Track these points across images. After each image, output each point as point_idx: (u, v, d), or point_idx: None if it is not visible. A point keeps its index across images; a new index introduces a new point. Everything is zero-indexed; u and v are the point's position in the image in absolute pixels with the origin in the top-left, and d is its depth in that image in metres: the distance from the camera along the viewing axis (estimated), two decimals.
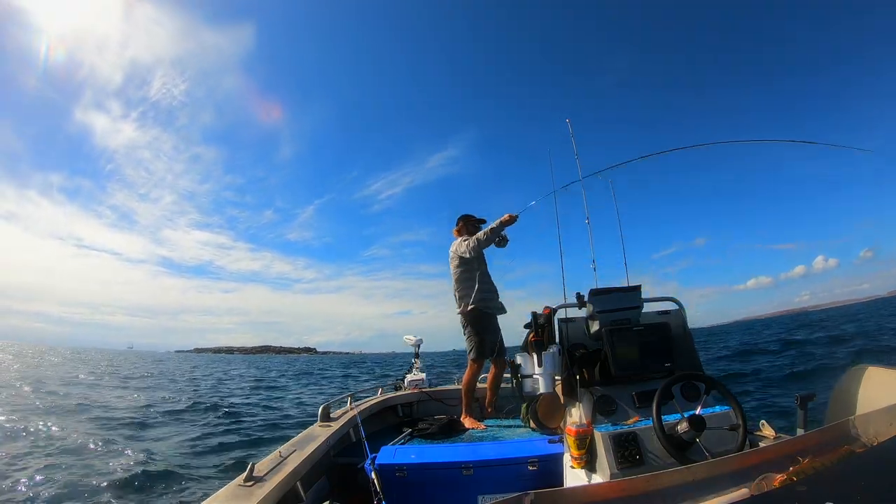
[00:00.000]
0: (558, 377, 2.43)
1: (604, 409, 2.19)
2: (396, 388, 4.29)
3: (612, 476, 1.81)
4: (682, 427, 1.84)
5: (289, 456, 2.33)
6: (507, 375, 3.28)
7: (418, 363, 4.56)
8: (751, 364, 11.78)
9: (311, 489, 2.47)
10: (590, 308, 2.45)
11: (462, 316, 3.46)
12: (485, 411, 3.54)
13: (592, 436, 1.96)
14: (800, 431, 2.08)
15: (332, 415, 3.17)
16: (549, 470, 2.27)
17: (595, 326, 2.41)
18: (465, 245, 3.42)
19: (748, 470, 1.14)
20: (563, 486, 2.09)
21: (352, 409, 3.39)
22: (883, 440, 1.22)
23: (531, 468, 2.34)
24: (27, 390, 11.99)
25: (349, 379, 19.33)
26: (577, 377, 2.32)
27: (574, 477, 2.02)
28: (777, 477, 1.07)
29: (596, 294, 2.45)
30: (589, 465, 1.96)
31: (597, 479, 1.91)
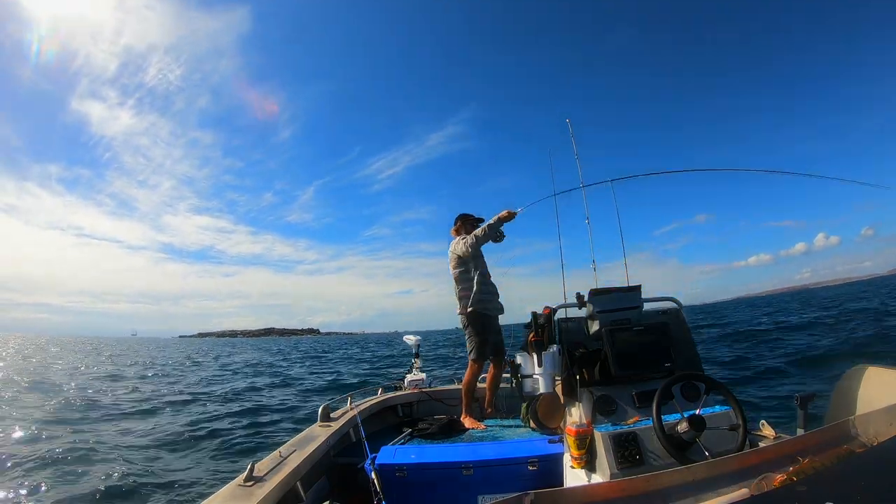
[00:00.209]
0: (558, 377, 2.44)
1: (604, 409, 2.19)
2: (396, 388, 4.28)
3: (612, 476, 1.81)
4: (682, 427, 1.84)
5: (289, 456, 2.33)
6: (507, 375, 3.28)
7: (418, 363, 4.56)
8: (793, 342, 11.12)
9: (311, 489, 2.48)
10: (590, 308, 2.45)
11: (462, 317, 3.47)
12: (484, 411, 3.54)
13: (592, 436, 1.96)
14: (800, 431, 2.08)
15: (332, 415, 3.17)
16: (549, 470, 2.27)
17: (595, 326, 2.41)
18: (463, 243, 3.41)
19: (748, 470, 1.14)
20: (563, 486, 2.09)
21: (352, 409, 3.39)
22: (883, 440, 1.22)
23: (531, 468, 2.34)
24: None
25: (362, 363, 18.83)
26: (577, 377, 2.32)
27: (574, 477, 2.02)
28: (777, 477, 1.07)
29: (596, 294, 2.45)
30: (589, 465, 1.96)
31: (597, 478, 1.91)
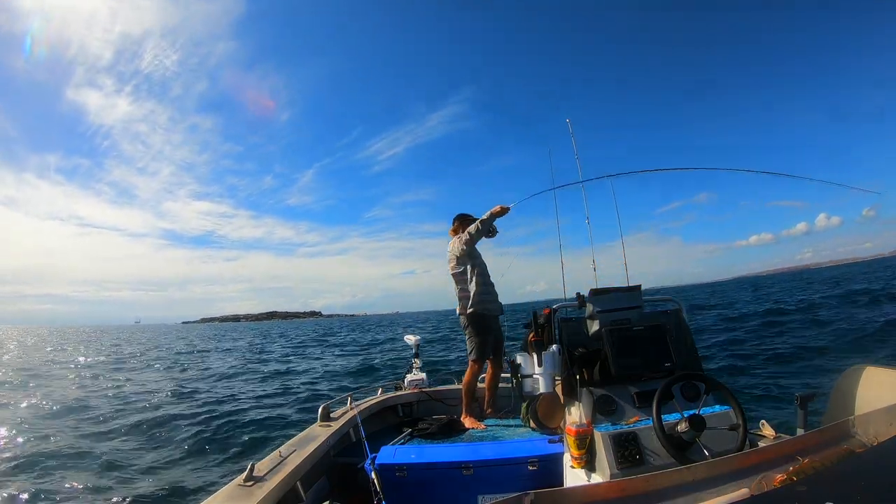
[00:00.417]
0: (558, 377, 2.44)
1: (604, 409, 2.19)
2: (396, 388, 4.28)
3: (612, 476, 1.81)
4: (682, 427, 1.84)
5: (289, 456, 2.33)
6: (507, 375, 3.28)
7: (418, 363, 4.56)
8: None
9: (311, 489, 2.48)
10: (590, 308, 2.45)
11: (462, 317, 3.47)
12: (484, 411, 3.54)
13: (592, 436, 1.96)
14: (800, 431, 2.08)
15: (332, 414, 3.18)
16: (549, 470, 2.27)
17: (595, 326, 2.41)
18: (459, 241, 3.45)
19: (748, 470, 1.14)
20: (563, 486, 2.09)
21: (352, 408, 3.39)
22: (883, 440, 1.22)
23: (531, 468, 2.34)
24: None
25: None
26: (577, 377, 2.32)
27: (574, 477, 2.02)
28: (777, 477, 1.07)
29: (596, 294, 2.45)
30: (589, 464, 1.96)
31: (597, 478, 1.91)
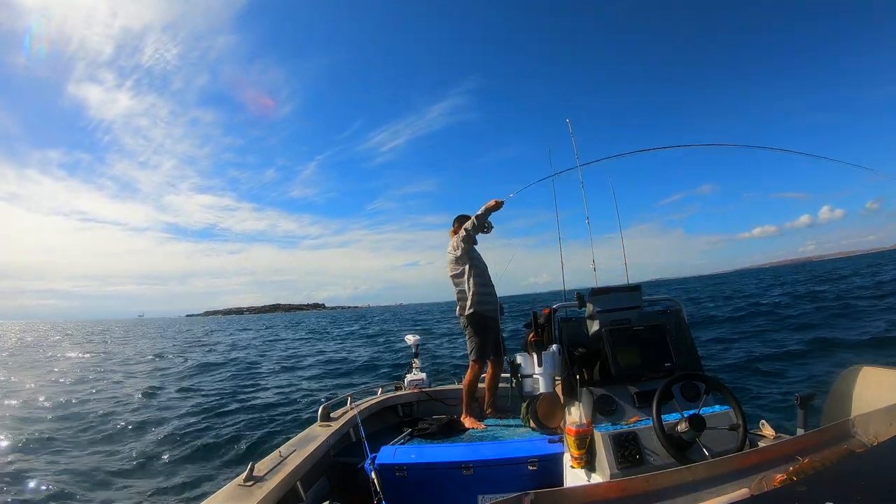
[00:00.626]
0: (558, 377, 2.44)
1: (604, 409, 2.19)
2: (396, 388, 4.28)
3: (612, 476, 1.81)
4: (682, 427, 1.84)
5: (289, 456, 2.33)
6: (507, 375, 3.28)
7: (417, 363, 4.56)
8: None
9: (311, 489, 2.48)
10: (590, 308, 2.45)
11: (462, 318, 3.47)
12: (484, 411, 3.54)
13: (592, 436, 1.96)
14: (800, 431, 2.08)
15: (332, 414, 3.17)
16: (549, 470, 2.27)
17: (595, 326, 2.41)
18: (457, 239, 3.48)
19: (748, 470, 1.14)
20: (563, 486, 2.09)
21: (352, 408, 3.39)
22: (883, 440, 1.22)
23: (531, 468, 2.34)
24: None
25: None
26: (577, 377, 2.32)
27: (574, 477, 2.02)
28: (777, 477, 1.07)
29: (596, 294, 2.45)
30: (589, 464, 1.96)
31: (597, 478, 1.91)
